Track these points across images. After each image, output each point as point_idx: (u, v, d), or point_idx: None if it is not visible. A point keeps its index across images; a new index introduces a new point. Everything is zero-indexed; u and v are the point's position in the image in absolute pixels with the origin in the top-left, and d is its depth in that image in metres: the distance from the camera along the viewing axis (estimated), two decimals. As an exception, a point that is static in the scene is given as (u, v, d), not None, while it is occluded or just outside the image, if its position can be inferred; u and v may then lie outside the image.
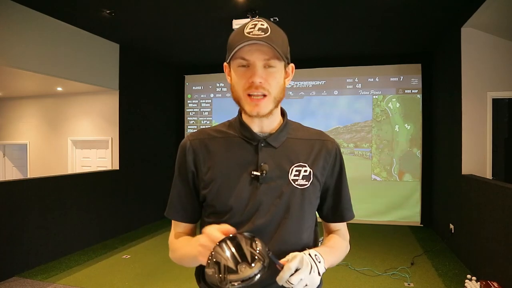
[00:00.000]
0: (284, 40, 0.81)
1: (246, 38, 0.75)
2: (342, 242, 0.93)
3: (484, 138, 3.60)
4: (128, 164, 4.95)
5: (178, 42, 4.80)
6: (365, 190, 5.40)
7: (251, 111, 0.79)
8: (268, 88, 0.78)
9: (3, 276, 3.16)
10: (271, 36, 0.76)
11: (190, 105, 6.27)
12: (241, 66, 0.78)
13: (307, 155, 0.87)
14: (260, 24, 0.77)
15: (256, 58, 0.76)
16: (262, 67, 0.77)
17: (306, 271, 0.69)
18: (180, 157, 0.90)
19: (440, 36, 4.39)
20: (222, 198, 0.83)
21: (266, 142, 0.85)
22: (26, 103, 5.62)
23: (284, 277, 0.67)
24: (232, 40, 0.79)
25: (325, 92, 5.62)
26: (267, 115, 0.80)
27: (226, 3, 3.45)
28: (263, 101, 0.78)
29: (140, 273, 3.36)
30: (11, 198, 3.28)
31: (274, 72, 0.78)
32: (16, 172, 6.19)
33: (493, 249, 2.79)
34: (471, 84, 3.64)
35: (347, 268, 3.46)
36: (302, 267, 0.69)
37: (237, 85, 0.80)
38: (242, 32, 0.77)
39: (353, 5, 3.47)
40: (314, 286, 0.70)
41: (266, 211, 0.81)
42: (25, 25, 3.49)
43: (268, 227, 0.81)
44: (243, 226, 0.82)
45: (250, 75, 0.77)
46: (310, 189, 0.85)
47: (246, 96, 0.78)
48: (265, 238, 0.82)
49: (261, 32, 0.76)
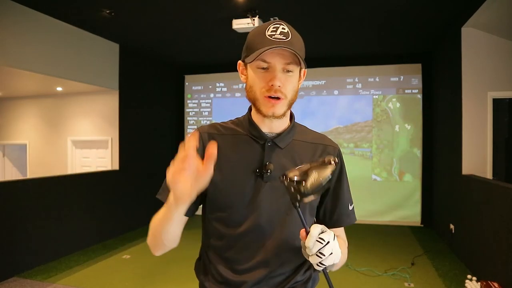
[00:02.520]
0: (303, 45, 0.83)
1: (269, 42, 0.76)
2: (342, 244, 0.91)
3: (484, 138, 3.60)
4: (128, 164, 4.95)
5: (178, 42, 4.80)
6: (365, 190, 5.40)
7: (267, 112, 0.81)
8: (285, 92, 0.80)
9: (3, 276, 3.16)
10: (292, 41, 0.78)
11: (190, 105, 6.26)
12: (261, 68, 0.80)
13: (309, 158, 0.89)
14: (281, 28, 0.79)
15: (277, 61, 0.78)
16: (281, 70, 0.79)
17: (331, 233, 0.72)
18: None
19: (440, 36, 4.39)
20: (224, 193, 0.84)
21: (273, 142, 0.87)
22: (26, 103, 5.62)
23: (314, 234, 0.70)
24: (253, 41, 0.80)
25: (325, 92, 5.62)
26: (281, 116, 0.83)
27: (226, 3, 3.45)
28: (279, 103, 0.81)
29: (140, 274, 3.35)
30: (11, 198, 3.28)
31: (291, 76, 0.81)
32: (15, 172, 6.18)
33: (494, 249, 2.78)
34: (471, 84, 3.64)
35: (347, 268, 3.46)
36: (326, 230, 0.72)
37: (255, 86, 0.82)
38: (264, 34, 0.78)
39: (353, 5, 3.46)
40: (337, 256, 0.72)
41: (268, 209, 0.83)
42: (25, 25, 3.49)
43: (269, 225, 0.83)
44: (245, 223, 0.83)
45: (270, 78, 0.79)
46: None
47: (264, 98, 0.80)
48: (265, 236, 0.84)
49: (283, 37, 0.77)
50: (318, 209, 0.93)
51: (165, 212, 0.76)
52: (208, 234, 0.90)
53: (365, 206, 5.34)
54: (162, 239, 0.81)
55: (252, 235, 0.83)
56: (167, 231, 0.79)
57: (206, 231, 0.92)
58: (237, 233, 0.84)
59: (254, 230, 0.83)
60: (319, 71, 5.59)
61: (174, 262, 3.54)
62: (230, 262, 0.85)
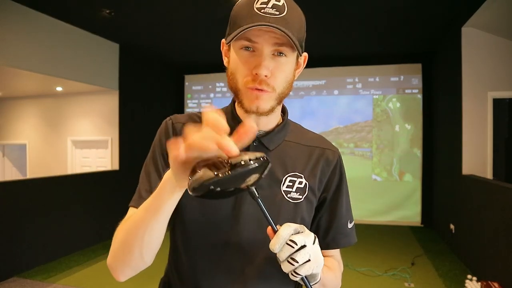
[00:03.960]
0: (302, 23, 0.65)
1: (257, 17, 0.59)
2: (336, 267, 0.76)
3: (484, 138, 3.60)
4: (128, 164, 4.95)
5: (178, 42, 4.80)
6: (366, 190, 5.40)
7: (249, 106, 0.64)
8: (274, 84, 0.63)
9: (3, 276, 3.16)
10: (286, 18, 0.60)
11: (190, 105, 6.26)
12: (244, 48, 0.63)
13: (304, 164, 0.73)
14: (275, 0, 0.61)
15: (265, 41, 0.61)
16: (271, 54, 0.62)
17: (310, 236, 0.56)
18: (163, 134, 0.73)
19: (440, 35, 4.39)
20: (199, 201, 0.64)
21: (259, 141, 0.71)
22: (26, 103, 5.61)
23: (282, 234, 0.54)
24: (238, 15, 0.63)
25: (325, 92, 5.62)
26: (268, 112, 0.65)
27: (226, 3, 3.45)
28: (265, 96, 0.63)
29: (140, 274, 3.32)
30: (11, 198, 3.27)
31: (284, 63, 0.63)
32: (15, 172, 6.18)
33: (494, 249, 2.78)
34: (471, 84, 3.64)
35: (347, 268, 3.46)
36: (304, 231, 0.57)
37: (236, 72, 0.65)
38: (251, 6, 0.61)
39: (353, 5, 3.46)
40: (319, 264, 0.57)
41: (252, 223, 0.67)
42: (25, 25, 3.49)
43: (252, 244, 0.68)
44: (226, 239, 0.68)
45: (255, 64, 0.61)
46: (304, 205, 0.71)
47: (246, 89, 0.63)
48: (251, 253, 0.68)
49: (275, 11, 0.60)
50: (311, 225, 0.75)
51: (152, 201, 0.56)
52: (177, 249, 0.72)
53: (365, 206, 5.34)
54: (141, 245, 0.59)
55: (229, 257, 0.68)
56: (152, 229, 0.57)
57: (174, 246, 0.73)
58: (211, 254, 0.68)
59: (232, 251, 0.68)
60: (319, 71, 5.58)
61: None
62: (205, 279, 0.69)
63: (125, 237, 0.61)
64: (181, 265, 0.71)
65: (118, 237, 0.63)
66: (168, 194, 0.54)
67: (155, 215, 0.56)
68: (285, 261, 0.54)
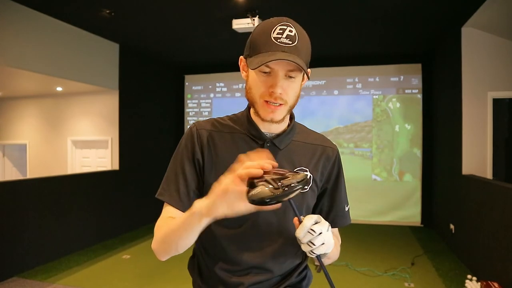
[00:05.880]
0: (309, 48, 0.81)
1: (274, 46, 0.73)
2: (336, 242, 0.90)
3: (484, 138, 3.60)
4: (128, 164, 4.95)
5: (178, 42, 4.80)
6: (365, 190, 5.40)
7: (265, 117, 0.80)
8: (286, 99, 0.79)
9: (3, 276, 3.16)
10: (298, 46, 0.75)
11: (190, 105, 6.27)
12: (262, 71, 0.77)
13: (308, 159, 0.88)
14: (288, 31, 0.75)
15: (280, 68, 0.76)
16: (284, 76, 0.77)
17: (325, 225, 0.71)
18: (189, 140, 0.87)
19: (440, 35, 4.39)
20: None
21: (272, 142, 0.85)
22: (26, 103, 5.61)
23: (306, 224, 0.69)
24: (257, 41, 0.76)
25: (325, 92, 5.62)
26: (279, 121, 0.82)
27: (226, 3, 3.45)
28: (279, 109, 0.79)
29: (140, 274, 3.35)
30: (11, 198, 3.28)
31: (293, 82, 0.79)
32: (15, 172, 6.18)
33: (494, 249, 2.78)
34: (471, 84, 3.64)
35: (347, 268, 3.46)
36: (321, 221, 0.71)
37: (255, 88, 0.80)
38: (269, 35, 0.74)
39: (353, 5, 3.46)
40: (330, 246, 0.72)
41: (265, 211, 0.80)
42: (25, 25, 3.49)
43: (268, 226, 0.83)
44: (243, 224, 0.82)
45: (271, 84, 0.77)
46: (309, 194, 0.87)
47: (263, 102, 0.79)
48: (263, 238, 0.83)
49: (289, 41, 0.74)
50: (314, 209, 0.93)
51: (187, 222, 0.71)
52: (202, 235, 0.84)
53: (365, 206, 5.34)
54: (177, 247, 0.76)
55: (249, 237, 0.83)
56: (186, 238, 0.73)
57: None
58: (233, 235, 0.83)
59: (251, 232, 0.82)
60: (319, 71, 5.59)
61: (174, 262, 3.52)
62: (226, 263, 0.84)
63: (164, 239, 0.78)
64: (208, 242, 0.86)
65: (159, 234, 0.79)
66: (197, 221, 0.69)
67: (186, 233, 0.72)
68: (305, 244, 0.70)
